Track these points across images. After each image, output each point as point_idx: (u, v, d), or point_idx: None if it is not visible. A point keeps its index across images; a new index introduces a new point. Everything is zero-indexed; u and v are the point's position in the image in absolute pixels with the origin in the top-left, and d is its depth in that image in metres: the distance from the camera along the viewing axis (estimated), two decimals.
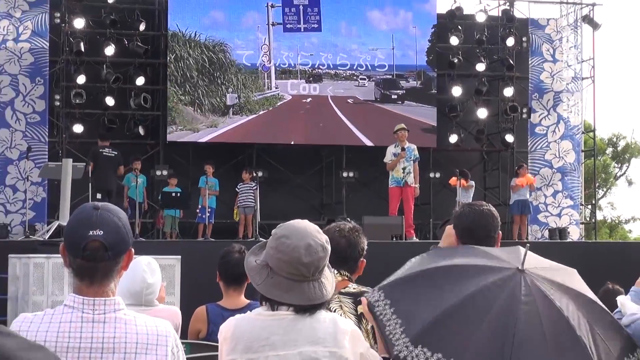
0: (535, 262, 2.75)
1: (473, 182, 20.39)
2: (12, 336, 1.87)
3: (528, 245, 2.78)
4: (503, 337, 2.47)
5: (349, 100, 23.07)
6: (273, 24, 22.57)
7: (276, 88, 22.65)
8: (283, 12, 22.62)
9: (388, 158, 17.61)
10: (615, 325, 2.86)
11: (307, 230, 3.52)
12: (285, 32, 22.81)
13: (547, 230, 23.18)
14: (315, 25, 22.78)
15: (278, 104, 22.69)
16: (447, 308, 2.55)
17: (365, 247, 4.72)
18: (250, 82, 22.49)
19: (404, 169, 17.41)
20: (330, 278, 3.56)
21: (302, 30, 22.72)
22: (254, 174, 19.90)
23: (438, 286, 2.66)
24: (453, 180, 20.14)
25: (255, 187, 19.43)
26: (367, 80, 23.19)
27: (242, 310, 5.35)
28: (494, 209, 4.70)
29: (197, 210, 19.67)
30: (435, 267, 2.77)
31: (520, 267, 2.70)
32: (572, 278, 2.83)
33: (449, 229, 4.71)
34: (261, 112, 22.49)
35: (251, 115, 22.45)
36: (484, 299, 2.56)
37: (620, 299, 3.35)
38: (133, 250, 3.30)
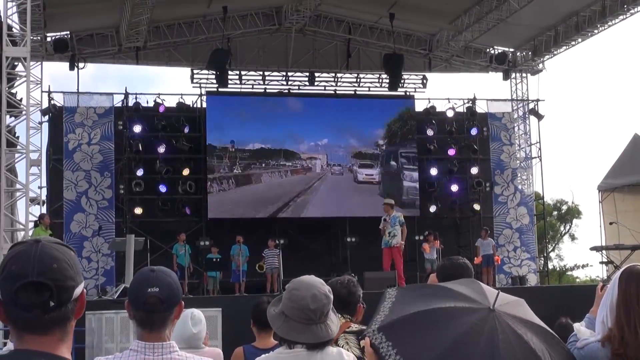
0: (499, 299, 2.71)
1: (434, 244, 20.11)
2: None
3: (499, 291, 2.74)
4: None
5: (352, 182, 23.15)
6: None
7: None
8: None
9: (381, 225, 17.62)
10: (562, 348, 2.84)
11: (313, 283, 3.49)
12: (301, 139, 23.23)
13: (510, 278, 23.01)
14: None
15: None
16: (442, 351, 2.50)
17: (361, 294, 4.69)
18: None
19: (389, 233, 17.33)
20: (335, 320, 3.52)
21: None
22: (277, 242, 19.86)
23: (430, 328, 2.60)
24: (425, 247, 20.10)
25: (278, 253, 19.37)
26: (366, 169, 23.43)
27: (272, 349, 5.26)
28: (468, 262, 4.70)
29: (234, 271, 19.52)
30: (424, 310, 2.70)
31: (491, 307, 2.66)
32: (525, 309, 2.79)
33: (433, 277, 4.82)
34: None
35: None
36: (470, 339, 2.51)
37: (576, 326, 3.30)
38: (183, 303, 3.27)
